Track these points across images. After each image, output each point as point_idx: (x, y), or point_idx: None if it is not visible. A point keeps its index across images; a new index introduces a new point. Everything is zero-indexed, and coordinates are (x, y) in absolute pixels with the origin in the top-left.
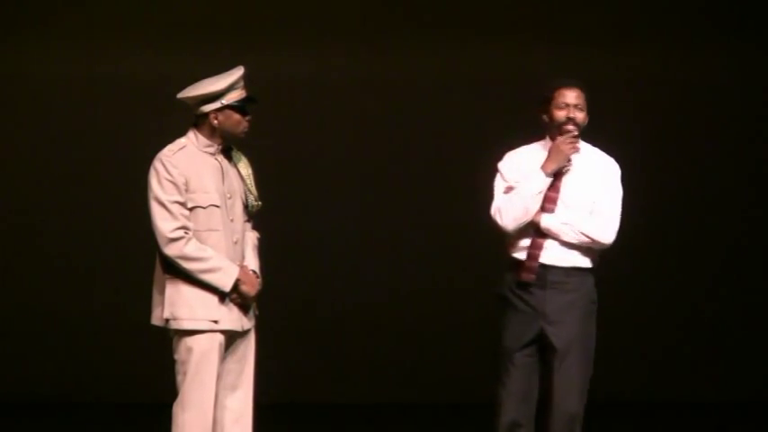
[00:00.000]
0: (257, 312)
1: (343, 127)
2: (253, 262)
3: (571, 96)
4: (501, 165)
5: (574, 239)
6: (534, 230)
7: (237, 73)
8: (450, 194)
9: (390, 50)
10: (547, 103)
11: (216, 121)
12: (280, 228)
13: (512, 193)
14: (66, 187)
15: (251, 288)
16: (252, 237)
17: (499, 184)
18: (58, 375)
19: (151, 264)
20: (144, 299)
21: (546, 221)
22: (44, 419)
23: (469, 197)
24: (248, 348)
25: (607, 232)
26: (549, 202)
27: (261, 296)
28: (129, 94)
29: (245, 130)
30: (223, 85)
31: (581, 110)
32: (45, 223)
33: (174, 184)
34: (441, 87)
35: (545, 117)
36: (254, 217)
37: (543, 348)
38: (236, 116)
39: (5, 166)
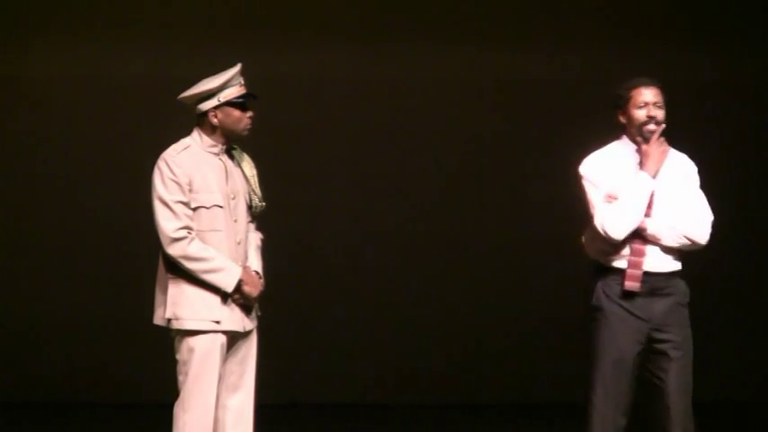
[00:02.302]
0: (260, 313)
1: (344, 127)
2: (256, 263)
3: (649, 94)
4: (586, 172)
5: (675, 243)
6: (632, 237)
7: (233, 70)
8: (450, 194)
9: (390, 50)
10: (625, 103)
11: (215, 120)
12: (279, 227)
13: (618, 202)
14: (66, 187)
15: (253, 289)
16: (255, 237)
17: (594, 193)
18: (58, 375)
19: (153, 264)
20: (145, 299)
21: (653, 226)
22: (45, 420)
23: (470, 196)
24: (250, 349)
25: (704, 232)
26: (647, 207)
27: (263, 297)
28: (129, 94)
29: (248, 126)
30: (218, 83)
31: (660, 107)
32: (45, 223)
33: (178, 183)
34: (441, 87)
35: (622, 118)
36: (257, 217)
37: (651, 355)
38: (236, 113)
39: (6, 165)
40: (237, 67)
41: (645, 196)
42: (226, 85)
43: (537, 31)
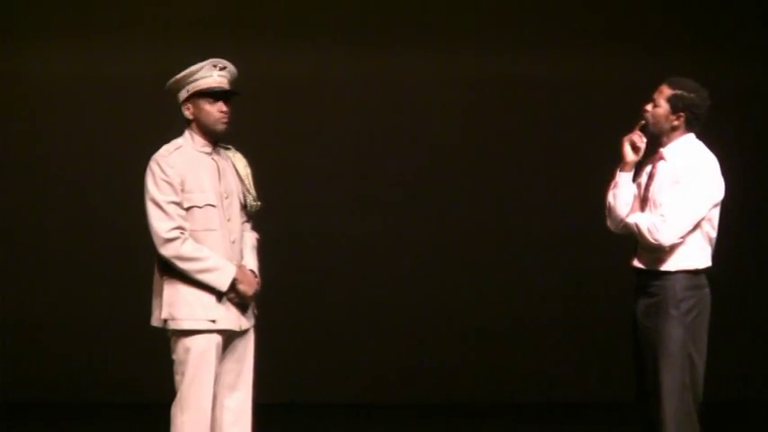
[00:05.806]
0: (256, 312)
1: (343, 126)
2: (251, 262)
3: (656, 90)
4: None
5: (640, 239)
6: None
7: (206, 62)
8: (450, 193)
9: (390, 50)
10: None
11: (188, 112)
12: (279, 227)
13: None
14: (66, 187)
15: (248, 287)
16: (251, 237)
17: None
18: (59, 375)
19: (151, 264)
20: (145, 299)
21: (628, 221)
22: (45, 420)
23: (470, 195)
24: (247, 348)
25: (659, 232)
26: (643, 202)
27: (260, 296)
28: (129, 94)
29: (221, 120)
30: (186, 72)
31: (653, 103)
32: (44, 223)
33: (170, 184)
34: (440, 87)
35: None
36: (254, 217)
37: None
38: (206, 106)
39: (5, 165)
40: (211, 60)
41: (612, 187)
42: (194, 75)
43: (537, 31)
